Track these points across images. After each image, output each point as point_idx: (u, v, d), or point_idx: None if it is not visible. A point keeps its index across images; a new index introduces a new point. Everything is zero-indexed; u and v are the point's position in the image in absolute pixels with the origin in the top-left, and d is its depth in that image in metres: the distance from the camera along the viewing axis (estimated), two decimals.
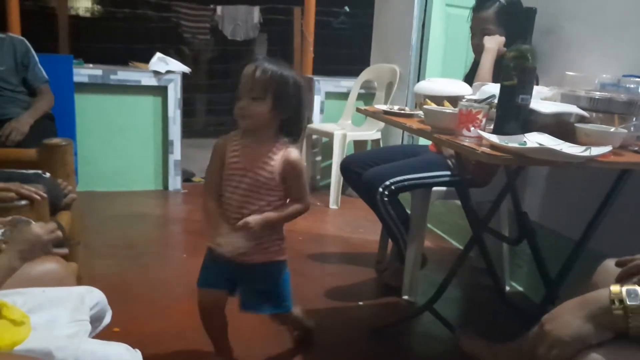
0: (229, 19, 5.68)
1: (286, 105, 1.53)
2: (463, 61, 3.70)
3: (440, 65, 3.69)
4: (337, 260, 2.95)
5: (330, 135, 3.73)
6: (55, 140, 2.12)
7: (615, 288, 0.92)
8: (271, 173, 1.56)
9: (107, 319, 1.43)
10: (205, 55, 6.55)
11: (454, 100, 1.91)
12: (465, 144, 1.48)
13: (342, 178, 3.69)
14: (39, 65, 2.98)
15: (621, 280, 1.07)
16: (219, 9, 5.75)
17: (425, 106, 1.66)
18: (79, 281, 1.72)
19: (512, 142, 1.46)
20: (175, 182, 3.88)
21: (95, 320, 1.36)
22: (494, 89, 1.80)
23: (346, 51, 6.28)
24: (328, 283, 2.56)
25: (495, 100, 1.63)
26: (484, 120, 1.56)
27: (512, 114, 1.53)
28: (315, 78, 4.19)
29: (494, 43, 2.30)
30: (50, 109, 2.97)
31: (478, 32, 2.36)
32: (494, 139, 1.46)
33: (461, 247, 3.08)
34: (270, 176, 1.56)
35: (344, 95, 4.19)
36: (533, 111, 1.56)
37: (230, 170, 1.58)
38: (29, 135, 2.71)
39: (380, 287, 2.59)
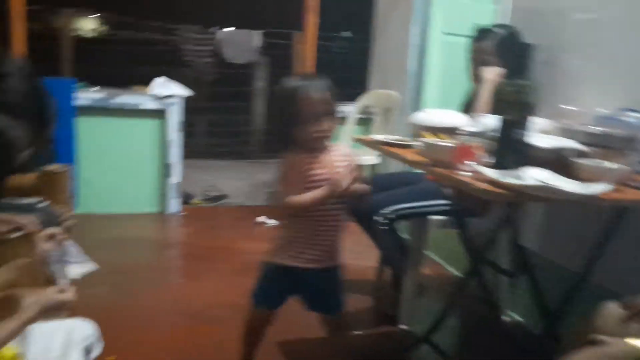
0: (228, 43, 5.73)
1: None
2: (461, 89, 3.72)
3: (439, 93, 3.71)
4: None
5: None
6: (54, 167, 2.13)
7: (634, 343, 0.90)
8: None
9: (98, 350, 1.42)
10: (206, 78, 6.60)
11: (451, 131, 1.92)
12: (462, 178, 1.48)
13: None
14: None
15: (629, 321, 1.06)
16: (219, 32, 5.81)
17: (421, 139, 1.67)
18: (74, 310, 1.71)
19: (509, 176, 1.46)
20: (173, 205, 3.87)
21: (86, 352, 1.35)
22: (492, 121, 1.82)
23: (345, 75, 6.32)
24: None
25: (494, 134, 1.64)
26: (481, 155, 1.57)
27: (510, 148, 1.54)
28: None
29: (492, 74, 2.31)
30: None
31: (477, 62, 2.38)
32: (491, 173, 1.46)
33: (460, 275, 3.06)
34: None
35: (343, 120, 4.20)
36: (531, 146, 1.56)
37: (315, 182, 1.60)
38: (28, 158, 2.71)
39: (377, 315, 2.57)
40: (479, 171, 1.49)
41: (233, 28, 5.95)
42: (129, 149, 3.77)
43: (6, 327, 1.01)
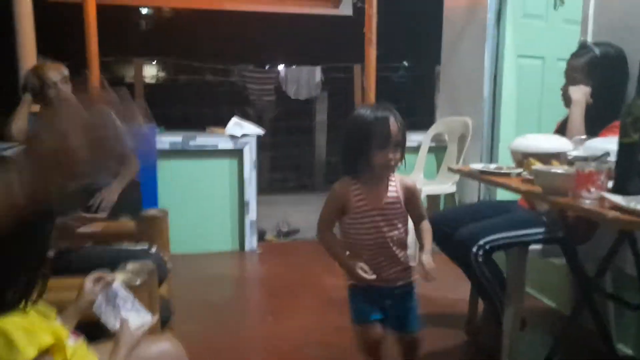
0: (292, 80, 5.84)
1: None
2: (537, 112, 3.65)
3: (514, 117, 3.63)
4: (423, 321, 2.83)
5: None
6: (152, 212, 2.17)
7: None
8: (397, 202, 1.71)
9: None
10: (269, 114, 6.73)
11: (556, 157, 1.85)
12: (587, 206, 1.41)
13: None
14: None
15: None
16: (282, 70, 5.93)
17: (535, 167, 1.61)
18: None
19: (639, 202, 1.38)
20: (251, 242, 3.91)
21: None
22: (602, 144, 1.74)
23: (408, 105, 6.32)
24: None
25: (610, 158, 1.56)
26: (601, 180, 1.49)
27: (633, 172, 1.46)
28: None
29: (580, 94, 2.23)
30: (136, 175, 3.06)
31: (567, 79, 2.31)
32: (619, 200, 1.39)
33: (554, 305, 2.92)
34: (398, 205, 1.71)
35: (414, 149, 4.15)
36: None
37: (358, 213, 1.69)
38: (117, 202, 2.80)
39: (474, 351, 2.46)
40: (604, 198, 1.42)
41: (293, 65, 6.06)
42: (208, 189, 3.85)
43: None
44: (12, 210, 0.74)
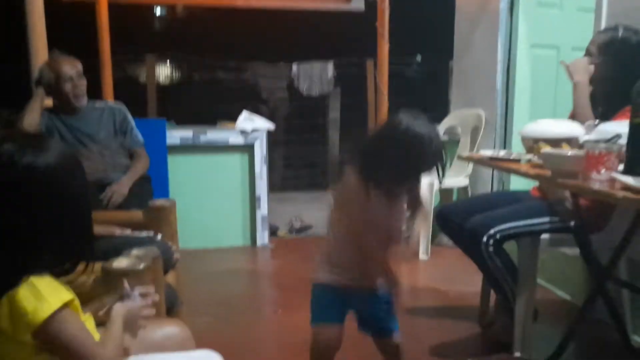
0: (304, 76, 5.83)
1: None
2: (551, 103, 3.59)
3: (528, 108, 3.59)
4: (437, 314, 2.81)
5: None
6: (160, 202, 2.18)
7: None
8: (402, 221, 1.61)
9: None
10: (281, 111, 6.73)
11: (567, 141, 1.81)
12: (597, 188, 1.37)
13: (431, 227, 3.59)
14: (136, 130, 3.09)
15: None
16: (294, 66, 5.92)
17: (544, 150, 1.57)
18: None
19: None
20: (262, 237, 3.91)
21: None
22: (613, 127, 1.70)
23: (420, 99, 6.27)
24: (431, 339, 2.43)
25: (621, 140, 1.52)
26: (611, 162, 1.45)
27: None
28: None
29: (582, 76, 2.16)
30: (146, 170, 3.07)
31: (585, 52, 2.25)
32: (631, 181, 1.35)
33: (567, 297, 2.87)
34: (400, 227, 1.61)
35: None
36: None
37: (367, 221, 1.56)
38: (128, 196, 2.80)
39: (487, 342, 2.43)
40: (614, 179, 1.38)
41: (305, 61, 6.05)
42: (219, 184, 3.85)
43: (111, 338, 1.13)
44: None
